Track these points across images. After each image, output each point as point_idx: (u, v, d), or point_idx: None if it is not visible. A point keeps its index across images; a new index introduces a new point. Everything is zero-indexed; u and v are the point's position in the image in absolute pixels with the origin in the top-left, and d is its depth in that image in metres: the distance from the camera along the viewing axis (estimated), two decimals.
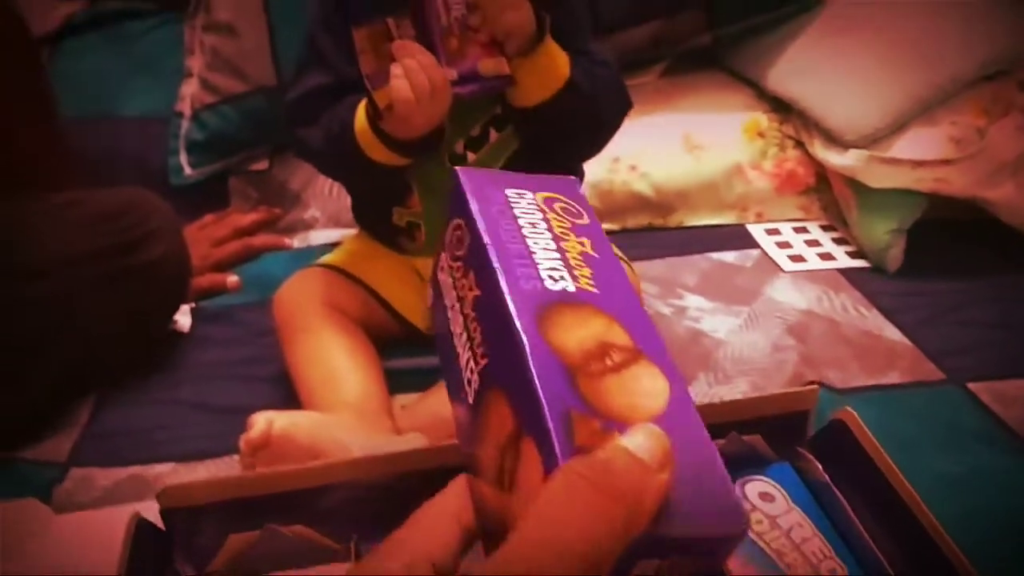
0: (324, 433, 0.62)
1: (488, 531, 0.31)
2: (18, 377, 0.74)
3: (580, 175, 0.85)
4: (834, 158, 0.96)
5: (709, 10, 1.06)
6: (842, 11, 1.05)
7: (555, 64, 0.68)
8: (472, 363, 0.33)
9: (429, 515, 0.30)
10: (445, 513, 0.30)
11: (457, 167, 0.38)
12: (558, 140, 0.74)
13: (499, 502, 0.30)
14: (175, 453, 0.73)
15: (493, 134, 0.75)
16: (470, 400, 0.33)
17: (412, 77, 0.63)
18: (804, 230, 1.02)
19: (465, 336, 0.34)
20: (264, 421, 0.62)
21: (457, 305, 0.35)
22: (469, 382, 0.33)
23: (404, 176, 0.75)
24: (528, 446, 0.29)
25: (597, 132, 0.76)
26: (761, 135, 1.05)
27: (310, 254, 1.01)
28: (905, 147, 0.92)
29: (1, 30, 0.82)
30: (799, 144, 1.04)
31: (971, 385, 0.75)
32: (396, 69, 0.63)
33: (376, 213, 0.80)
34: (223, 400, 0.78)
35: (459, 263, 0.36)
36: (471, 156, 0.75)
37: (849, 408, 0.55)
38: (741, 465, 0.55)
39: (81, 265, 0.76)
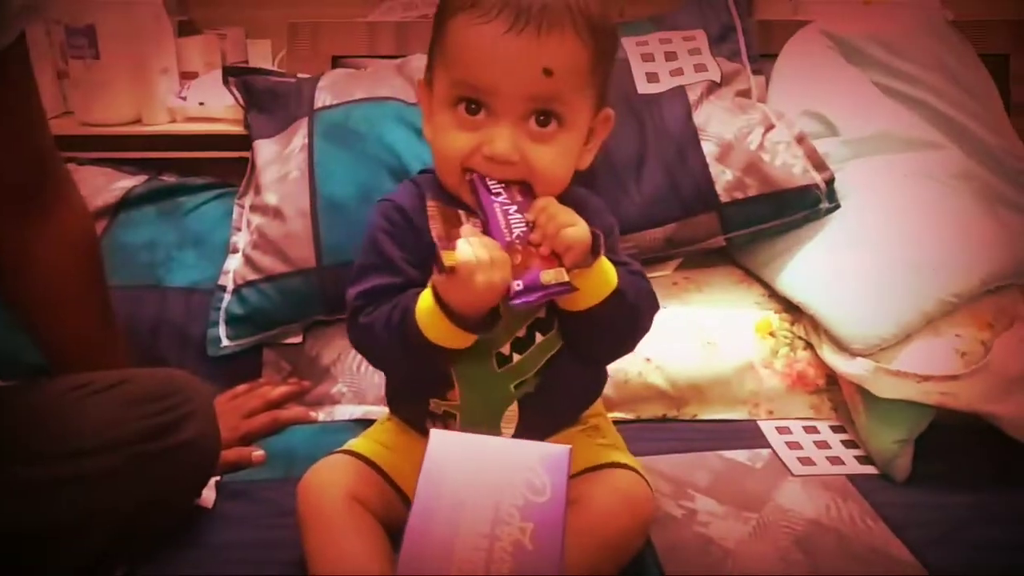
0: None
1: None
2: (48, 559, 0.77)
3: (606, 375, 0.90)
4: (842, 364, 1.00)
5: (721, 215, 1.13)
6: (850, 220, 1.11)
7: (605, 274, 0.75)
8: None
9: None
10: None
11: (434, 431, 0.46)
12: (599, 341, 0.81)
13: None
14: None
15: (538, 336, 0.80)
16: None
17: (475, 246, 0.69)
18: (814, 430, 1.04)
19: None
20: None
21: None
22: None
23: (448, 371, 0.80)
24: None
25: (634, 334, 0.83)
26: (772, 334, 1.10)
27: (334, 429, 1.06)
28: (911, 359, 0.96)
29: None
30: (809, 345, 1.08)
31: None
32: (462, 239, 0.70)
33: (414, 400, 0.84)
34: None
35: None
36: (516, 357, 0.80)
37: None
38: None
39: (117, 448, 0.79)
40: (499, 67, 0.73)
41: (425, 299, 0.74)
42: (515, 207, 0.74)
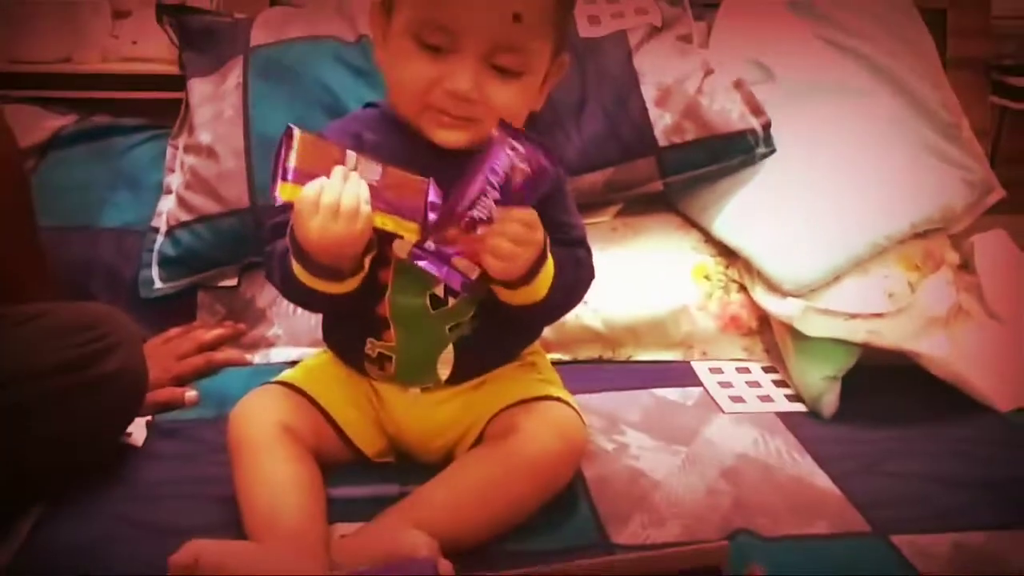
0: (254, 567, 0.64)
1: None
2: None
3: None
4: (773, 305, 1.02)
5: (659, 159, 1.14)
6: (785, 166, 1.12)
7: (535, 290, 0.75)
8: None
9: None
10: None
11: None
12: (529, 319, 0.83)
13: None
14: (114, 573, 0.73)
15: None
16: None
17: (326, 189, 0.67)
18: (746, 370, 1.07)
19: None
20: (191, 554, 0.64)
21: None
22: None
23: (379, 312, 0.79)
24: None
25: (566, 310, 0.85)
26: (707, 278, 1.11)
27: (269, 371, 1.03)
28: (839, 298, 0.98)
29: None
30: (743, 288, 1.10)
31: (894, 538, 0.77)
32: (322, 176, 0.67)
33: (349, 340, 0.83)
34: (171, 520, 0.79)
35: None
36: (451, 300, 0.80)
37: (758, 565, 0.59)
38: None
39: (37, 379, 0.77)
40: (469, 9, 0.72)
41: None
42: (497, 192, 0.70)
